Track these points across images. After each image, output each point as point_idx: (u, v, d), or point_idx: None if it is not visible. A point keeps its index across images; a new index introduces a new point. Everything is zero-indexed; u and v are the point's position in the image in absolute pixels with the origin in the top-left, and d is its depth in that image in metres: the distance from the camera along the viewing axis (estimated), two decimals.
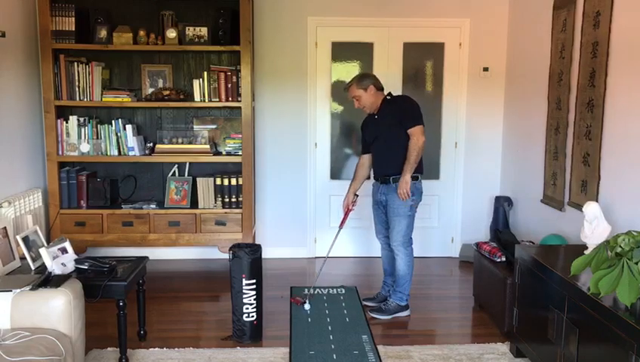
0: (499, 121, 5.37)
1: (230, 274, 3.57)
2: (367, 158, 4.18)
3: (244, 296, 3.54)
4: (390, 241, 4.04)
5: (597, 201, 3.40)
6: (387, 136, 3.94)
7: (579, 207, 3.57)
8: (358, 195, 4.20)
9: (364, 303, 4.21)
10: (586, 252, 2.83)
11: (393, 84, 5.28)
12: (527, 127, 4.78)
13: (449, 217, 5.52)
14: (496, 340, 3.62)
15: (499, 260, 3.91)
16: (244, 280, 3.53)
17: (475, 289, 4.28)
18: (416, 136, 3.85)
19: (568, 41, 3.99)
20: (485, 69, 5.29)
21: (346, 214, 4.20)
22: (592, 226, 3.00)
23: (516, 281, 3.38)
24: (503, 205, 5.07)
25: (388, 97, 4.01)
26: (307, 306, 4.15)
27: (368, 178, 4.26)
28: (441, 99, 5.37)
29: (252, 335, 3.58)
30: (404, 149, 3.87)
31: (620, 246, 2.41)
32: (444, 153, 5.44)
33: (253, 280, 3.55)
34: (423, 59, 5.38)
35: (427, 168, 5.43)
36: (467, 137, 5.39)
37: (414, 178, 3.91)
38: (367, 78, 4.02)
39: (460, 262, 5.40)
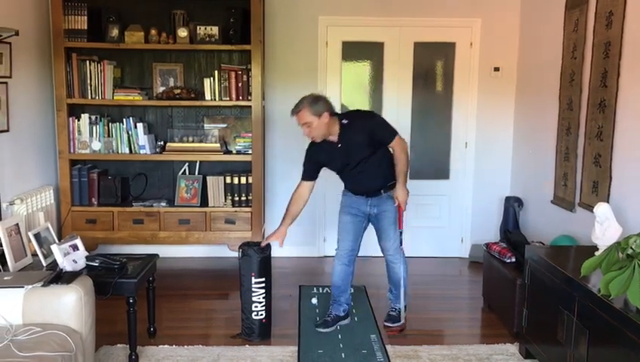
0: (509, 121, 5.34)
1: (239, 273, 3.58)
2: (307, 188, 3.71)
3: (253, 294, 3.55)
4: (386, 250, 3.81)
5: (608, 202, 3.38)
6: (365, 159, 3.58)
7: (590, 207, 3.55)
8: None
9: (318, 329, 3.74)
10: (597, 253, 2.81)
11: (404, 83, 5.28)
12: (538, 128, 4.75)
13: (459, 217, 5.50)
14: (506, 341, 3.61)
15: (508, 261, 3.89)
16: (253, 278, 3.54)
17: (484, 289, 4.27)
18: (400, 145, 3.61)
19: (580, 41, 3.97)
20: (496, 69, 5.26)
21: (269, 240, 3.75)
22: (603, 227, 2.98)
23: (526, 282, 3.37)
24: (513, 205, 5.05)
25: (345, 121, 3.55)
26: (314, 301, 4.16)
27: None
28: (451, 99, 5.36)
29: (261, 333, 3.60)
30: (384, 160, 3.64)
31: (631, 248, 2.40)
32: (454, 153, 5.42)
33: (262, 279, 3.57)
34: (434, 59, 5.37)
35: (437, 168, 5.47)
36: (477, 137, 5.37)
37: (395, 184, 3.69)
38: (320, 101, 3.45)
39: (469, 262, 5.38)
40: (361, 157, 3.58)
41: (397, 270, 3.84)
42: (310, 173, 3.72)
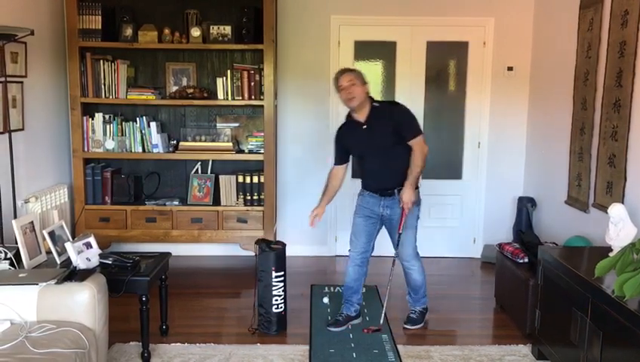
0: (523, 120, 5.31)
1: (257, 269, 3.64)
2: (340, 170, 3.86)
3: (274, 288, 3.65)
4: (401, 257, 3.80)
5: (622, 203, 3.35)
6: (385, 148, 3.61)
7: (604, 208, 3.52)
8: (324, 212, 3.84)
9: (329, 329, 3.75)
10: (611, 254, 2.79)
11: (416, 83, 5.26)
12: (552, 128, 4.72)
13: (471, 217, 5.48)
14: (518, 342, 3.59)
15: (521, 261, 3.87)
16: (273, 273, 3.63)
17: (496, 290, 4.25)
18: (420, 146, 3.58)
19: (595, 41, 3.94)
20: (509, 69, 5.23)
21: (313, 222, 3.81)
22: (618, 228, 2.96)
23: (539, 283, 3.35)
24: (526, 206, 5.02)
25: (376, 104, 3.66)
26: (325, 300, 4.17)
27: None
28: (464, 99, 5.33)
29: (279, 326, 3.69)
30: (405, 159, 3.61)
31: None
32: (466, 153, 5.40)
33: (282, 273, 3.68)
34: (447, 58, 5.35)
35: (449, 168, 5.44)
36: (490, 137, 5.34)
37: (416, 187, 3.71)
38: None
39: (481, 262, 5.35)
40: (382, 144, 3.61)
41: (414, 276, 3.84)
42: (340, 156, 3.84)
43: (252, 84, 4.79)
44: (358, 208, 3.85)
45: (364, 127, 3.63)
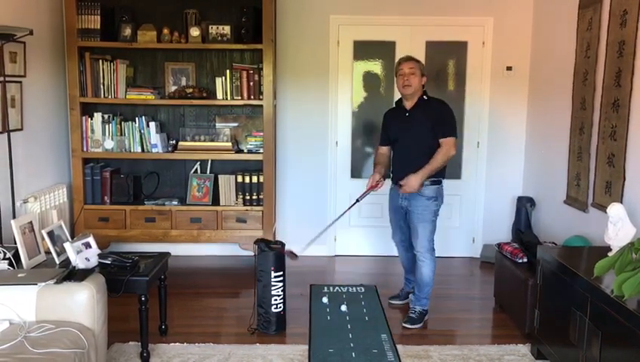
0: (522, 120, 5.31)
1: (257, 269, 3.65)
2: (385, 150, 4.04)
3: (273, 288, 3.67)
4: (415, 248, 3.91)
5: (621, 203, 3.35)
6: (416, 139, 3.78)
7: (603, 208, 3.52)
8: (384, 179, 3.98)
9: (391, 302, 4.25)
10: (610, 254, 2.79)
11: None
12: (551, 127, 4.72)
13: (470, 217, 5.48)
14: (517, 341, 3.59)
15: (520, 261, 3.87)
16: (272, 272, 3.65)
17: (495, 289, 4.25)
18: (449, 147, 3.72)
19: (594, 40, 3.94)
20: (509, 68, 5.23)
21: (368, 191, 3.95)
22: (617, 228, 2.96)
23: (538, 282, 3.36)
24: (525, 206, 5.02)
25: (425, 97, 3.84)
26: (325, 300, 4.18)
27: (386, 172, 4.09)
28: (463, 99, 5.33)
29: (278, 325, 3.70)
30: (430, 155, 3.72)
31: None
32: (466, 153, 5.40)
33: (281, 272, 3.70)
34: (446, 58, 5.35)
35: (449, 167, 5.42)
36: (490, 137, 5.34)
37: (438, 182, 3.84)
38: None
39: (481, 262, 5.36)
40: (418, 135, 3.78)
41: (423, 270, 3.90)
42: (384, 138, 4.05)
43: (251, 83, 4.79)
44: (388, 202, 4.11)
45: (407, 114, 3.84)
